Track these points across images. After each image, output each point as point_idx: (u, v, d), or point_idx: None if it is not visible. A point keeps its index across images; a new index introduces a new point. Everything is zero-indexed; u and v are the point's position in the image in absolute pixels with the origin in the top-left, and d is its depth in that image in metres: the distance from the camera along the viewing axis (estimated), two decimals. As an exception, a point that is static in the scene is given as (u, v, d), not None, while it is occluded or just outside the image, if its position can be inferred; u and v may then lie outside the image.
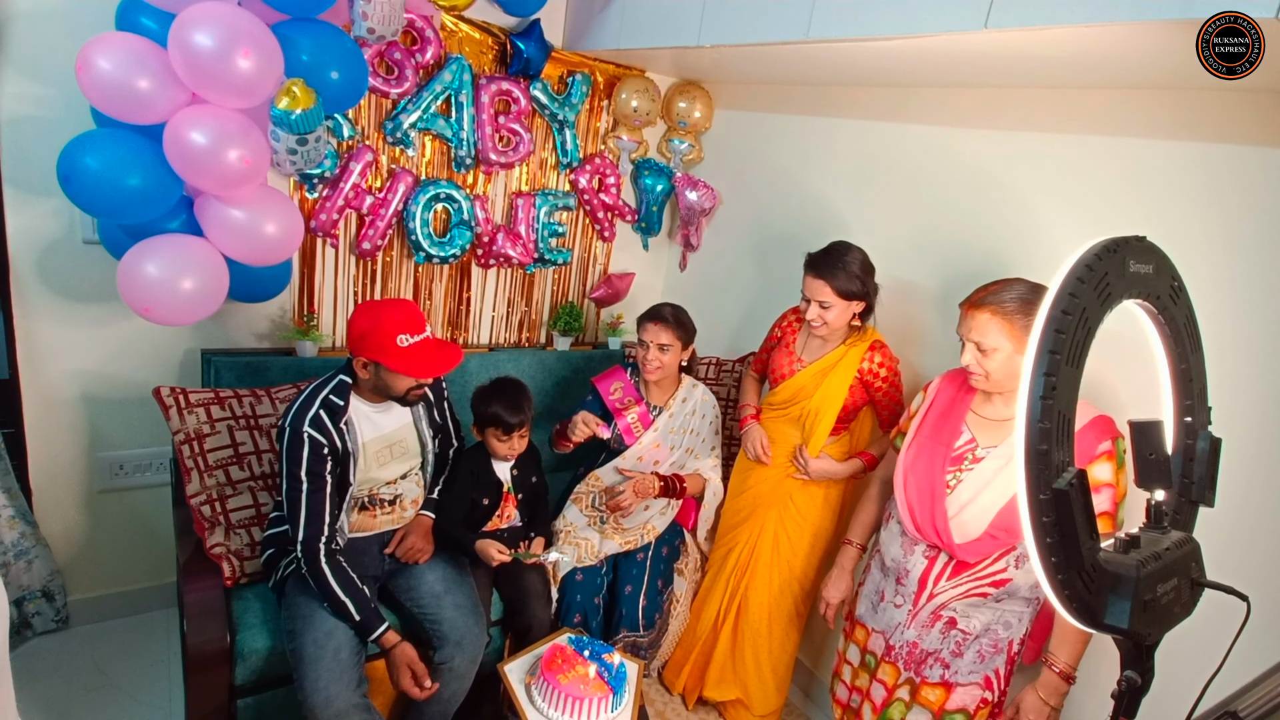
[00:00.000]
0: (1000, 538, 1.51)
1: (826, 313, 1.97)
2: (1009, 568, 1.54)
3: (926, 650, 1.62)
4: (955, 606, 1.58)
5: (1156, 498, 0.85)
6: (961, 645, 1.58)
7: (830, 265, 1.95)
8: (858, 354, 2.04)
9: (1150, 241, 0.82)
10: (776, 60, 2.15)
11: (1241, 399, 1.48)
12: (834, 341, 2.09)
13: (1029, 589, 1.54)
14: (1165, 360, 0.88)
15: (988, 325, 1.50)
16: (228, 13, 1.58)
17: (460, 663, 1.83)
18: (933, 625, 1.61)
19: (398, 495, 1.96)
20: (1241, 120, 1.51)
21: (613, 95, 2.77)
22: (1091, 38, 1.30)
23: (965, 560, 1.56)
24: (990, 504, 1.52)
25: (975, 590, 1.56)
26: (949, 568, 1.58)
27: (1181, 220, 1.60)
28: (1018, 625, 1.58)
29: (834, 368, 2.06)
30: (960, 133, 2.06)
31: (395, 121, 2.32)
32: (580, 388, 2.84)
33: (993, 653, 1.58)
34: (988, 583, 1.55)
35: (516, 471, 2.14)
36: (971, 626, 1.57)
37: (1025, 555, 1.50)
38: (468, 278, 2.71)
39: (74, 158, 1.61)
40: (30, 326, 2.03)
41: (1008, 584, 1.54)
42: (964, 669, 1.59)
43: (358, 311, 1.77)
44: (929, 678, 1.62)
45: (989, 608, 1.57)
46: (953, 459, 1.60)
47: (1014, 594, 1.55)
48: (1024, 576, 1.53)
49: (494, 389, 2.07)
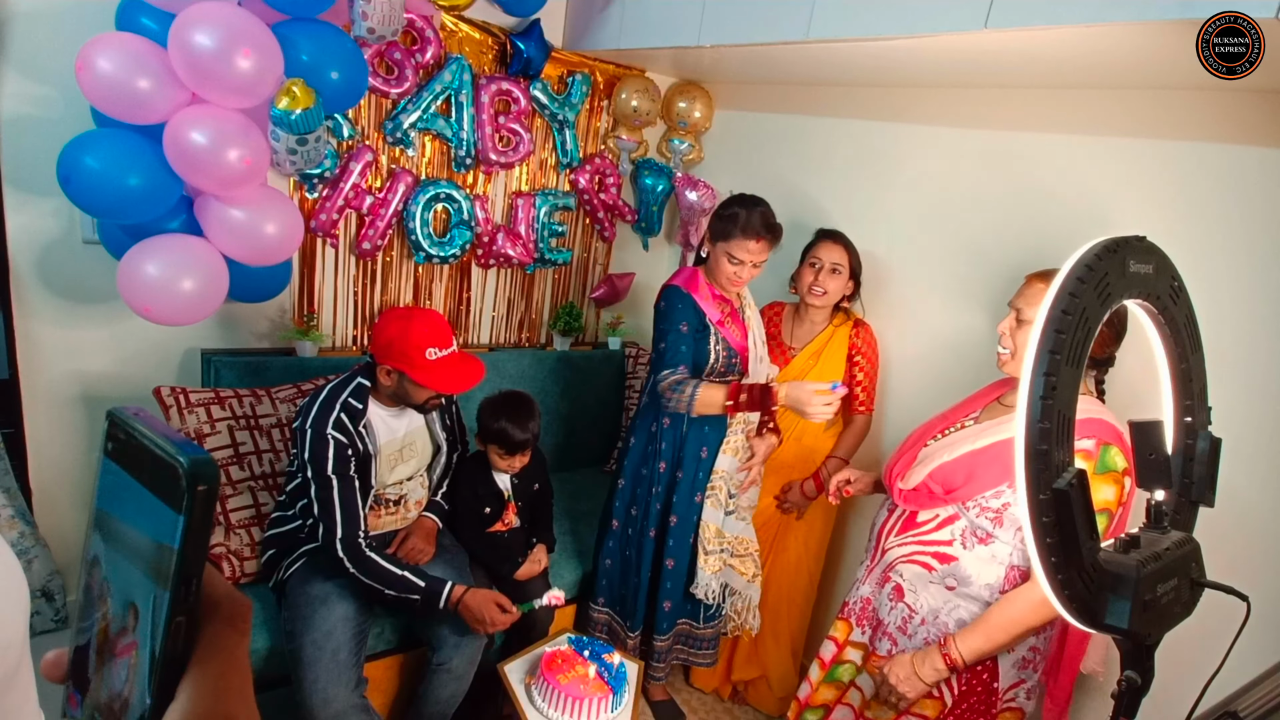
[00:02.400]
0: (935, 491, 1.50)
1: (834, 279, 2.09)
2: (954, 541, 1.49)
3: (879, 615, 1.61)
4: (902, 572, 1.56)
5: (1156, 498, 0.85)
6: (908, 623, 1.55)
7: (844, 237, 2.13)
8: (846, 331, 2.18)
9: (1150, 241, 0.82)
10: (776, 60, 2.15)
11: (1241, 399, 1.49)
12: (820, 323, 2.20)
13: (986, 588, 1.46)
14: (1165, 360, 0.88)
15: (1039, 295, 1.43)
16: (228, 13, 1.58)
17: (459, 664, 1.83)
18: (883, 586, 1.61)
19: (403, 496, 1.97)
20: (1241, 120, 1.51)
21: (613, 95, 2.77)
22: (1091, 38, 1.30)
23: (906, 509, 1.57)
24: (938, 458, 1.53)
25: (918, 555, 1.54)
26: (900, 521, 1.60)
27: (1181, 220, 1.60)
28: None
29: (826, 346, 2.18)
30: (960, 133, 2.06)
31: (395, 121, 2.32)
32: (580, 388, 2.84)
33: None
34: (930, 551, 1.52)
35: (518, 480, 2.13)
36: (918, 605, 1.53)
37: (975, 535, 1.46)
38: (468, 278, 2.71)
39: (74, 158, 1.61)
40: (30, 326, 2.03)
41: (953, 562, 1.48)
42: (910, 649, 1.55)
43: (386, 317, 1.79)
44: (879, 649, 1.61)
45: (937, 589, 1.51)
46: (945, 426, 1.62)
47: (965, 583, 1.47)
48: (975, 565, 1.46)
49: (504, 404, 1.99)
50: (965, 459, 1.49)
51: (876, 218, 2.30)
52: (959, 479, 1.48)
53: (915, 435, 1.67)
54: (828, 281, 2.10)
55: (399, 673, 2.01)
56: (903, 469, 1.60)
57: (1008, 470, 1.43)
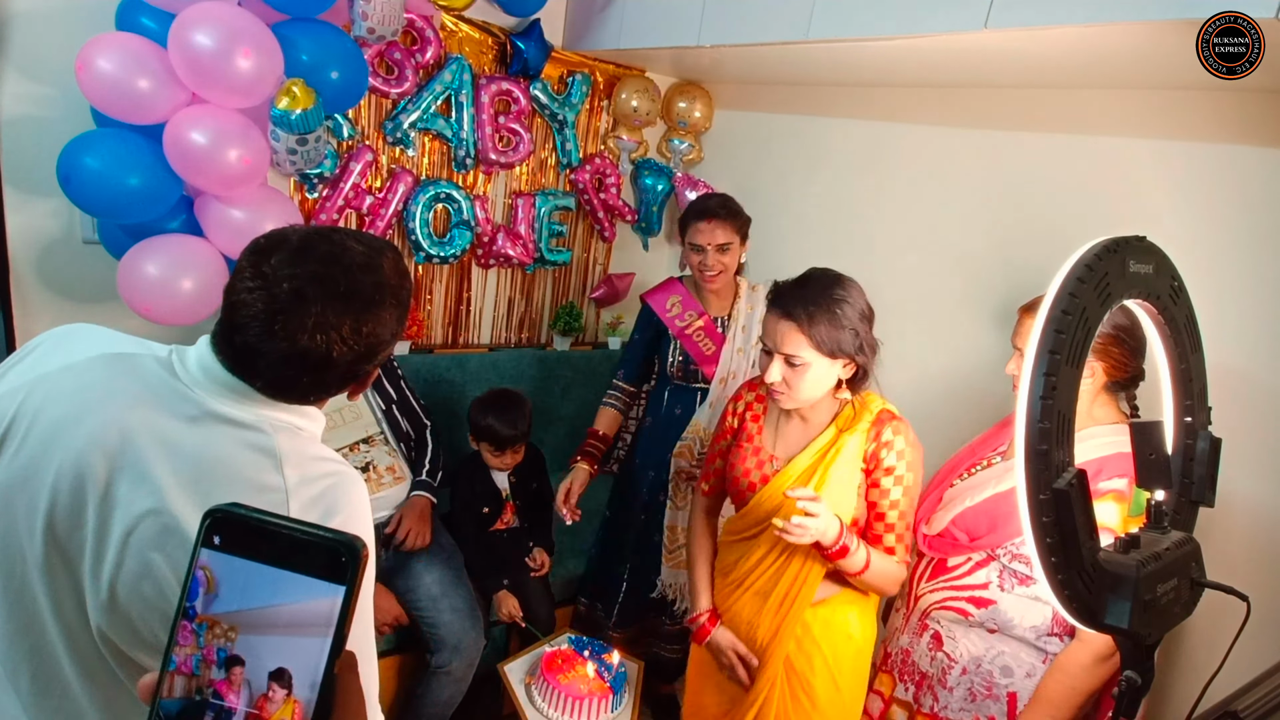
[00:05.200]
0: (960, 539, 1.42)
1: (795, 373, 1.35)
2: (990, 585, 1.38)
3: (920, 669, 1.50)
4: (939, 619, 1.46)
5: (1156, 498, 0.85)
6: (947, 673, 1.44)
7: (806, 302, 1.33)
8: (860, 436, 1.40)
9: (1150, 241, 0.82)
10: (776, 60, 2.15)
11: (1241, 399, 1.48)
12: (815, 421, 1.45)
13: (1031, 630, 1.35)
14: (1165, 360, 0.88)
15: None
16: (228, 13, 1.58)
17: (457, 667, 1.83)
18: (921, 635, 1.50)
19: (369, 462, 1.98)
20: (1241, 120, 1.51)
21: (613, 95, 2.77)
22: (1091, 38, 1.30)
23: (933, 556, 1.49)
24: (961, 502, 1.45)
25: (953, 601, 1.43)
26: (930, 566, 1.51)
27: (1181, 220, 1.60)
28: (1024, 680, 1.37)
29: (824, 460, 1.40)
30: (960, 133, 2.06)
31: (395, 121, 2.32)
32: (580, 387, 2.84)
33: (985, 695, 1.41)
34: (965, 596, 1.41)
35: (515, 479, 2.13)
36: (958, 653, 1.42)
37: (1015, 576, 1.36)
38: (468, 278, 2.71)
39: (74, 158, 1.61)
40: (30, 326, 2.02)
41: (991, 605, 1.38)
42: (954, 705, 1.44)
43: None
44: (922, 706, 1.50)
45: (978, 635, 1.41)
46: (974, 461, 1.54)
47: (1009, 627, 1.37)
48: (1017, 608, 1.35)
49: (491, 402, 2.03)
50: (988, 504, 1.39)
51: (876, 217, 2.30)
52: (983, 527, 1.38)
53: (943, 471, 1.57)
54: (787, 375, 1.36)
55: (396, 675, 2.00)
56: (928, 511, 1.48)
57: None
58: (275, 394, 0.83)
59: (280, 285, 0.78)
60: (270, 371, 0.81)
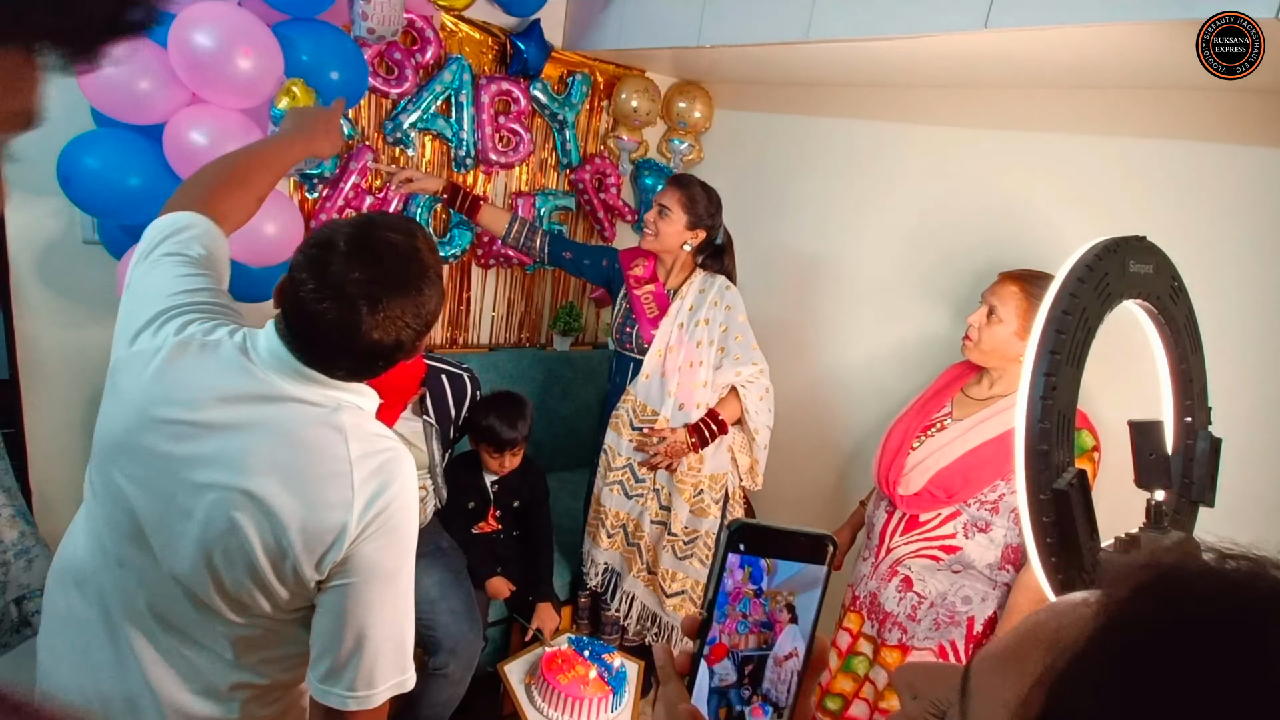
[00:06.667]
0: (938, 496, 1.61)
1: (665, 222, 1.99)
2: (958, 534, 1.60)
3: (886, 609, 1.69)
4: (910, 565, 1.66)
5: (1156, 498, 0.85)
6: (917, 609, 1.65)
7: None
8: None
9: (1150, 241, 0.82)
10: (776, 60, 2.15)
11: (1241, 399, 1.48)
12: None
13: (987, 567, 1.59)
14: (1165, 360, 0.88)
15: (1011, 297, 1.57)
16: (228, 12, 1.58)
17: (456, 669, 1.82)
18: (890, 579, 1.68)
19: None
20: (1241, 120, 1.51)
21: (613, 95, 2.77)
22: (1091, 38, 1.30)
23: (912, 514, 1.66)
24: (934, 464, 1.62)
25: (926, 550, 1.64)
26: (902, 522, 1.68)
27: (1181, 220, 1.60)
28: (980, 604, 1.61)
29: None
30: (960, 133, 2.06)
31: (395, 121, 2.32)
32: (580, 388, 2.84)
33: (949, 623, 1.62)
34: (937, 545, 1.62)
35: (498, 486, 2.11)
36: (927, 591, 1.63)
37: (976, 525, 1.58)
38: (468, 278, 2.71)
39: (74, 158, 1.61)
40: (30, 327, 2.02)
41: (958, 552, 1.60)
42: (920, 634, 1.65)
43: None
44: (888, 640, 1.69)
45: (945, 575, 1.62)
46: (925, 425, 1.70)
47: (970, 566, 1.60)
48: (977, 550, 1.58)
49: (494, 402, 2.00)
50: (959, 463, 1.60)
51: (876, 217, 2.30)
52: (957, 483, 1.59)
53: (897, 438, 1.73)
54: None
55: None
56: (897, 475, 1.68)
57: (1000, 466, 1.56)
58: (353, 378, 0.97)
59: (345, 290, 0.88)
60: (350, 364, 0.95)
